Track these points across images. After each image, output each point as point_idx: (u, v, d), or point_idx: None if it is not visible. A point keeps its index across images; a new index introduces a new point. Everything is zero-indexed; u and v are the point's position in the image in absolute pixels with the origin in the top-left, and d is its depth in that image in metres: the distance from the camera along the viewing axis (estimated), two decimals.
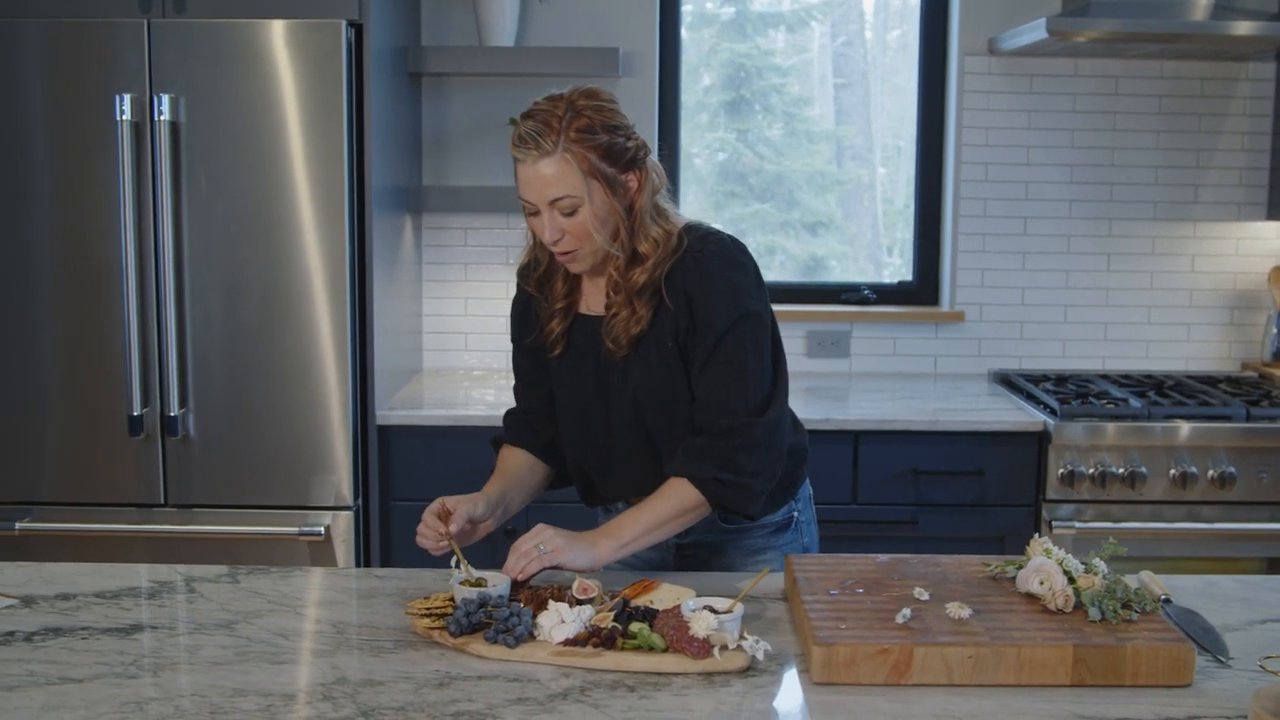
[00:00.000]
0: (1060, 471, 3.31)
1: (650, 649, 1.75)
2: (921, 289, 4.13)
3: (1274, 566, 3.33)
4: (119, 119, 3.14)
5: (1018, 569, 1.92)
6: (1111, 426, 3.31)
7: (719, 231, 2.11)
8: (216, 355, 3.24)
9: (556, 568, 1.95)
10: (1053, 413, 3.38)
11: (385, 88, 3.40)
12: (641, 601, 1.89)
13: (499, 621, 1.80)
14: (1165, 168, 3.96)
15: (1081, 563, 1.88)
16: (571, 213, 2.00)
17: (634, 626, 1.77)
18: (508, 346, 3.93)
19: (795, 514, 2.27)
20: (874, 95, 4.38)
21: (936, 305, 4.11)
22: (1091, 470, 3.30)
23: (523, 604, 1.87)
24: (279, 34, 3.15)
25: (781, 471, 2.11)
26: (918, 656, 1.68)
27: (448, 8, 3.88)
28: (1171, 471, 3.31)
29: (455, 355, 4.04)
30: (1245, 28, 3.39)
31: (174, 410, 3.22)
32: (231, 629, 1.89)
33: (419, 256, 3.94)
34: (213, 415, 3.26)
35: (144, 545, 3.28)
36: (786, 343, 2.21)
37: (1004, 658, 1.68)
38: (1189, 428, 3.31)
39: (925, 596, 1.85)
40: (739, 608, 1.77)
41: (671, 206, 2.12)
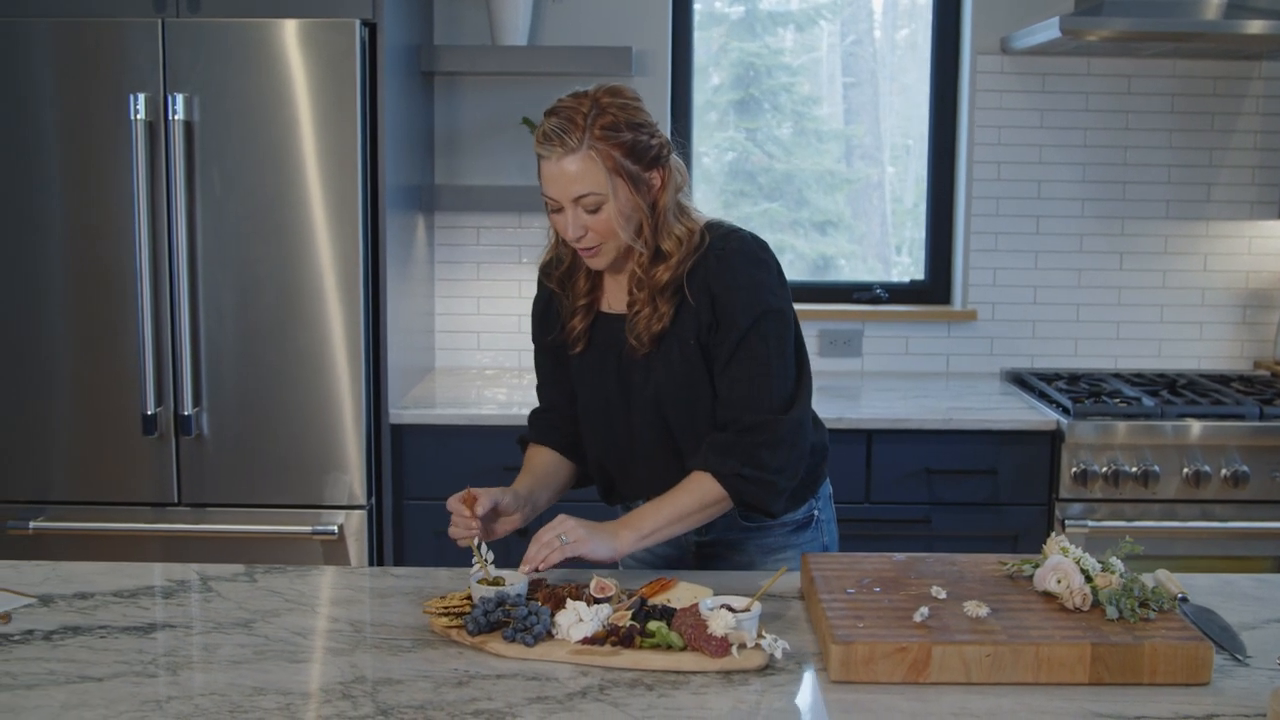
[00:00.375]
0: (1073, 470, 3.30)
1: (668, 647, 1.75)
2: (934, 288, 4.13)
3: None
4: (133, 118, 3.14)
5: (1034, 568, 1.92)
6: (1124, 425, 3.30)
7: (741, 229, 2.11)
8: (230, 354, 3.25)
9: (577, 558, 1.96)
10: (1065, 412, 3.38)
11: (399, 87, 3.41)
12: (659, 600, 1.89)
13: (517, 620, 1.80)
14: (1178, 166, 3.96)
15: (1098, 561, 1.88)
16: (595, 210, 2.00)
17: (652, 625, 1.77)
18: (520, 345, 4.01)
19: (816, 512, 2.27)
20: (883, 94, 4.38)
21: (949, 304, 4.11)
22: (1104, 469, 3.30)
23: (540, 603, 1.87)
24: (293, 33, 3.16)
25: (804, 470, 2.11)
26: (936, 655, 1.68)
27: (461, 7, 3.88)
28: (1184, 470, 3.30)
29: (467, 354, 4.04)
30: (1258, 27, 3.38)
31: (187, 409, 3.23)
32: (250, 628, 1.89)
33: (431, 255, 3.95)
34: (226, 414, 3.27)
35: (158, 544, 3.29)
36: None
37: (1022, 656, 1.68)
38: (1202, 427, 3.30)
39: (943, 595, 1.85)
40: (757, 606, 1.77)
41: (692, 205, 2.12)
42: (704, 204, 4.21)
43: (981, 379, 3.95)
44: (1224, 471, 3.30)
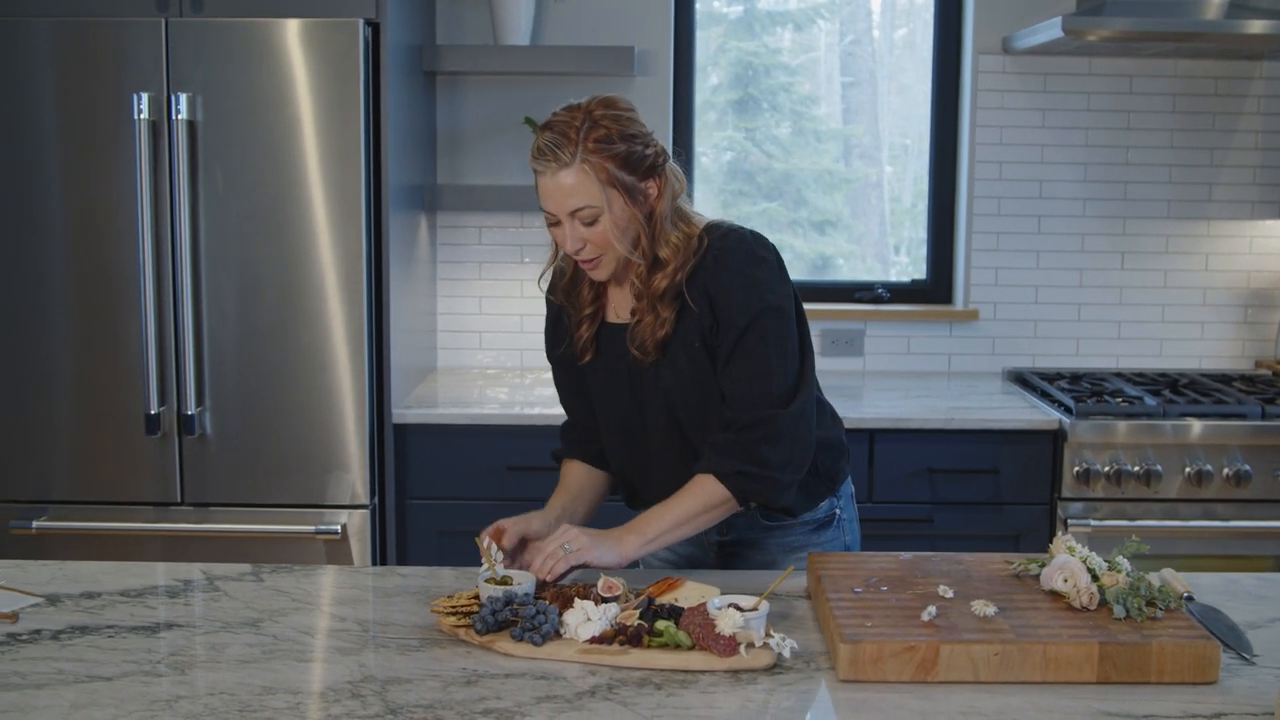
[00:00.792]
0: (1075, 470, 3.31)
1: (676, 646, 1.75)
2: (935, 288, 4.13)
3: None
4: (136, 118, 3.14)
5: (1040, 567, 1.92)
6: (1126, 425, 3.31)
7: (739, 228, 2.11)
8: (232, 354, 3.25)
9: (583, 566, 1.96)
10: (1068, 411, 3.38)
11: (401, 86, 3.41)
12: (666, 599, 1.90)
13: (525, 619, 1.80)
14: (1179, 166, 3.96)
15: (1105, 560, 1.88)
16: (592, 222, 2.00)
17: (660, 624, 1.78)
18: (522, 345, 4.02)
19: (837, 511, 2.27)
20: (881, 94, 4.38)
21: (950, 304, 4.11)
22: (1106, 468, 3.30)
23: (548, 602, 1.87)
24: (296, 33, 3.16)
25: (809, 464, 2.10)
26: (944, 654, 1.68)
27: (463, 6, 3.88)
28: (1186, 469, 3.31)
29: (470, 354, 4.04)
30: (1259, 26, 3.38)
31: (190, 409, 3.23)
32: (257, 627, 1.89)
33: (434, 255, 3.95)
34: (229, 414, 3.27)
35: (160, 544, 3.29)
36: None
37: (1030, 655, 1.69)
38: (1203, 426, 3.31)
39: (950, 594, 1.85)
40: (764, 605, 1.77)
41: (692, 208, 2.12)
42: (703, 204, 4.22)
43: (983, 378, 3.96)
44: (1226, 471, 3.30)
